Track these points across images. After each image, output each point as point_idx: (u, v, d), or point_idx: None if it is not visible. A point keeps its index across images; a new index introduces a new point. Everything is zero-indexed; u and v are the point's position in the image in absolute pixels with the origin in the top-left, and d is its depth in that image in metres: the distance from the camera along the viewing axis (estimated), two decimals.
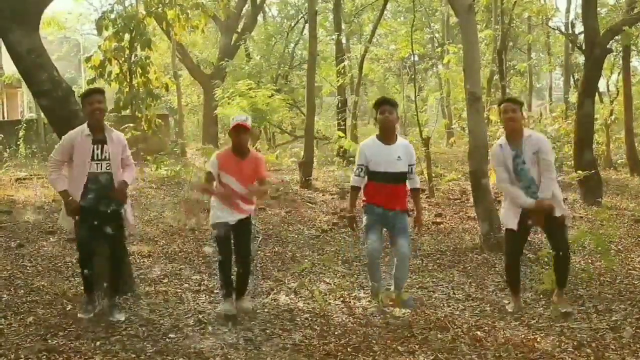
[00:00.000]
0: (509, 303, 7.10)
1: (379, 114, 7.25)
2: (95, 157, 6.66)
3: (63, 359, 5.70)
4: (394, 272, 7.34)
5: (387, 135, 7.24)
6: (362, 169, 7.25)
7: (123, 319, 6.68)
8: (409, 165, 7.23)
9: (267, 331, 6.36)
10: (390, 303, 7.08)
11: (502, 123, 7.06)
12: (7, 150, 21.67)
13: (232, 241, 6.98)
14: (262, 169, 6.99)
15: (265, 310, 7.06)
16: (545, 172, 6.73)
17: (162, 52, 30.57)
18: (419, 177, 7.71)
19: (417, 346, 5.90)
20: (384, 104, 7.30)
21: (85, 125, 6.70)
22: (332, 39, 28.08)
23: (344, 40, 28.64)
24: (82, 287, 7.06)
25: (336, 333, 6.28)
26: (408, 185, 7.38)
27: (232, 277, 7.04)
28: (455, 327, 6.40)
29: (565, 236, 7.03)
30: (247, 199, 6.92)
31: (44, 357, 5.74)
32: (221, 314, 6.80)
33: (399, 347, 5.88)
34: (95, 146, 6.66)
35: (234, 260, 7.00)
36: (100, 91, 6.95)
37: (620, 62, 21.42)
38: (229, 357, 5.72)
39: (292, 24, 37.46)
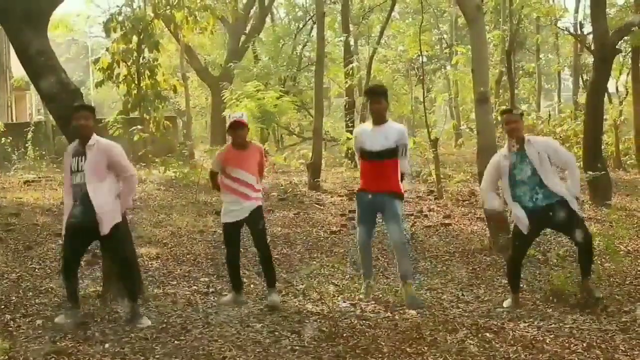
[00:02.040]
0: (506, 299, 7.19)
1: (369, 104, 7.70)
2: (74, 169, 6.71)
3: None
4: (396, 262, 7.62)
5: (376, 120, 7.54)
6: (358, 154, 7.66)
7: (150, 323, 6.67)
8: (399, 145, 7.42)
9: (276, 333, 6.36)
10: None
11: (506, 132, 7.18)
12: (16, 152, 21.72)
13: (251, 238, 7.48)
14: (261, 157, 7.52)
15: (274, 311, 7.06)
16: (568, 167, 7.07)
17: (170, 54, 30.64)
18: (411, 166, 8.02)
19: (425, 348, 5.90)
20: (371, 94, 7.70)
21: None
22: (341, 40, 28.04)
23: (352, 42, 28.60)
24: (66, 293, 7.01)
25: (345, 335, 6.27)
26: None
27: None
28: (464, 328, 6.40)
29: (585, 227, 7.10)
30: (253, 186, 7.25)
31: (53, 359, 5.75)
32: (229, 302, 7.10)
33: (407, 349, 5.87)
34: (77, 158, 6.72)
35: (257, 252, 7.52)
36: (89, 108, 7.03)
37: (630, 62, 21.33)
38: (237, 359, 5.72)
39: (300, 26, 37.51)
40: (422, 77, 25.56)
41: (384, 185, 7.38)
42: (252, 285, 8.22)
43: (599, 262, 8.89)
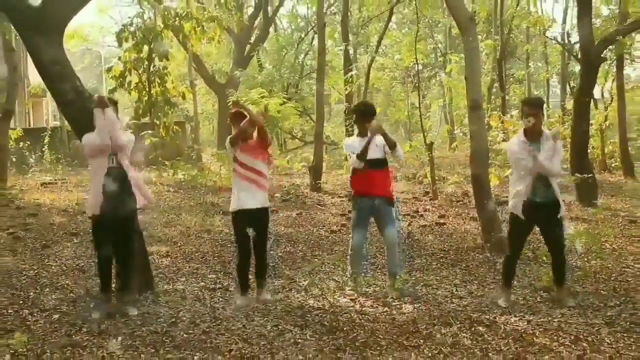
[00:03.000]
0: (501, 298, 7.12)
1: (362, 121, 7.79)
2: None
3: (86, 354, 5.72)
4: (387, 259, 7.76)
5: (362, 132, 7.72)
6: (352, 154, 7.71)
7: (136, 312, 6.76)
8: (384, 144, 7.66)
9: (279, 327, 6.36)
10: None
11: (524, 121, 6.95)
12: (33, 156, 21.76)
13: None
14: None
15: (278, 307, 7.07)
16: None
17: (178, 62, 30.62)
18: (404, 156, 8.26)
19: (422, 341, 5.90)
20: (366, 114, 7.81)
21: None
22: (340, 49, 28.02)
23: (351, 51, 28.61)
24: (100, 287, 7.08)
25: (345, 328, 6.28)
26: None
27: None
28: (458, 322, 6.40)
29: (562, 238, 7.06)
30: (263, 173, 7.21)
31: (69, 351, 5.76)
32: (238, 307, 6.94)
33: (404, 342, 5.88)
34: None
35: (253, 250, 7.31)
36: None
37: (614, 70, 21.34)
38: (243, 351, 5.73)
39: (302, 36, 37.53)
40: (417, 84, 25.44)
41: (379, 190, 7.61)
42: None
43: (585, 259, 8.91)
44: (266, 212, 7.31)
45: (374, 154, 7.56)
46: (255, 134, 7.27)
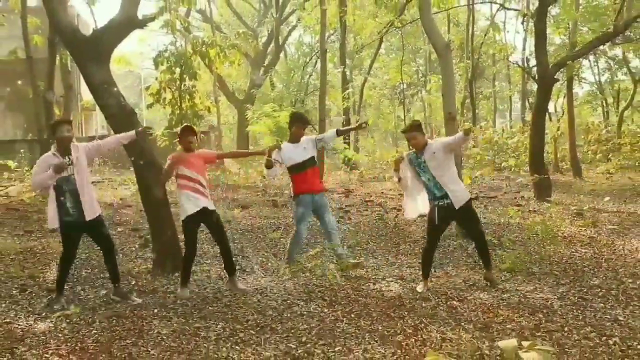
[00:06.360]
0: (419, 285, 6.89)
1: (294, 127, 7.74)
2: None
3: (128, 322, 5.73)
4: (331, 243, 7.77)
5: (295, 140, 7.70)
6: (278, 162, 7.55)
7: (139, 300, 6.46)
8: (317, 143, 7.74)
9: (288, 301, 6.36)
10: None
11: (409, 144, 6.85)
12: None
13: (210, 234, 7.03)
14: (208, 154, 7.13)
15: (286, 284, 7.06)
16: (451, 141, 6.68)
17: (205, 82, 30.58)
18: None
19: (406, 312, 5.90)
20: (300, 121, 7.82)
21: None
22: (339, 71, 28.08)
23: (348, 72, 28.63)
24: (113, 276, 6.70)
25: (342, 303, 6.28)
26: (328, 139, 7.97)
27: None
28: (436, 297, 6.39)
29: (479, 227, 6.93)
30: (204, 185, 6.74)
31: (114, 320, 5.78)
32: (181, 297, 6.57)
33: (391, 314, 5.88)
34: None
35: (218, 245, 6.98)
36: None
37: (565, 89, 21.36)
38: (258, 321, 5.73)
39: (307, 60, 37.57)
40: (403, 100, 25.55)
41: (316, 185, 7.69)
42: (269, 263, 8.22)
43: (542, 245, 8.89)
44: (213, 211, 6.82)
45: (302, 156, 7.54)
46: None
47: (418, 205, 6.91)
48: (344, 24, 25.85)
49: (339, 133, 8.00)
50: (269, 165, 7.37)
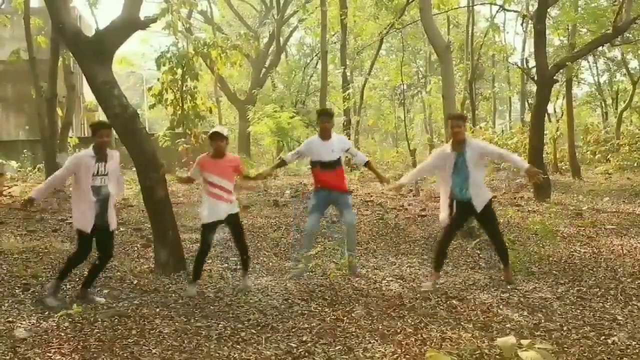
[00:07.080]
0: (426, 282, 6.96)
1: (319, 122, 7.59)
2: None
3: (130, 322, 5.73)
4: (346, 239, 7.69)
5: (324, 136, 7.51)
6: (298, 153, 7.75)
7: (104, 301, 6.42)
8: (345, 150, 7.58)
9: (289, 300, 6.37)
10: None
11: (451, 132, 6.76)
12: None
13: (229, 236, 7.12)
14: (239, 166, 6.91)
15: (287, 284, 7.06)
16: (504, 155, 7.00)
17: (206, 82, 30.64)
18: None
19: (406, 312, 5.91)
20: (323, 115, 7.66)
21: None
22: (339, 72, 28.07)
23: (348, 73, 28.62)
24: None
25: (343, 302, 6.28)
26: (357, 160, 7.95)
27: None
28: (436, 297, 6.40)
29: (497, 226, 6.99)
30: (228, 190, 6.68)
31: (116, 320, 5.77)
32: (188, 295, 6.60)
33: (392, 313, 5.88)
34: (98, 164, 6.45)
35: (234, 243, 7.04)
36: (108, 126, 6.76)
37: (564, 90, 21.36)
38: (259, 320, 5.73)
39: (308, 61, 37.56)
40: (403, 101, 25.54)
41: (337, 185, 7.50)
42: (270, 263, 8.22)
43: (541, 245, 8.89)
44: (236, 216, 6.90)
45: (329, 156, 7.42)
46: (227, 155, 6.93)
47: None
48: (345, 25, 25.86)
49: (366, 165, 7.89)
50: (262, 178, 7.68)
